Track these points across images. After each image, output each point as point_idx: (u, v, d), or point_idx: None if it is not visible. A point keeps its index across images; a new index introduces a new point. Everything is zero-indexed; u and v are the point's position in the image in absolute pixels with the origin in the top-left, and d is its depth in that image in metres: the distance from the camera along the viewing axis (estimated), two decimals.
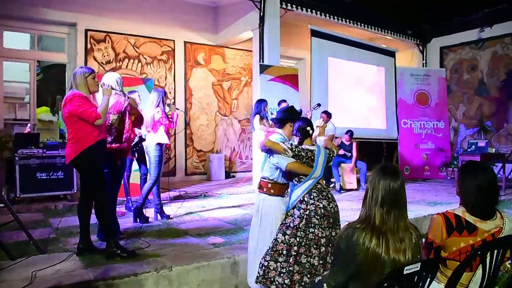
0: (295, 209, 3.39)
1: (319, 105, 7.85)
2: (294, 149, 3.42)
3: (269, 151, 3.58)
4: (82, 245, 3.89)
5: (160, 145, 5.38)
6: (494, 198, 2.42)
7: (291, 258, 3.22)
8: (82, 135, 3.73)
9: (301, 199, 3.40)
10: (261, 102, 7.04)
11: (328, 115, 8.77)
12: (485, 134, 10.99)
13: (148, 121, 5.32)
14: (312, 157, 3.46)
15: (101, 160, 3.95)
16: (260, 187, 3.71)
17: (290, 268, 3.20)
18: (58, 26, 8.57)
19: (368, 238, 2.08)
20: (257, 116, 6.97)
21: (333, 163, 8.38)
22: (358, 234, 2.10)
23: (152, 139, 5.38)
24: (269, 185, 3.63)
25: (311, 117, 7.72)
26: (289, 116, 3.79)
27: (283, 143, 3.48)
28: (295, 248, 3.24)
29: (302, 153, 3.44)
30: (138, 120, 4.66)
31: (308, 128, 3.59)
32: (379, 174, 2.22)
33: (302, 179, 3.44)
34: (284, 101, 7.59)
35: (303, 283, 3.18)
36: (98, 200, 3.89)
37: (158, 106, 5.40)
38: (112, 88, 4.08)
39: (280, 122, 3.81)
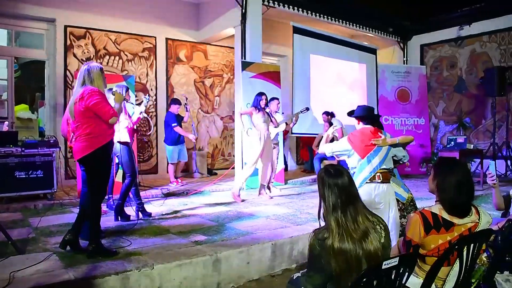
0: None
1: (307, 109, 7.89)
2: None
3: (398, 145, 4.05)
4: (70, 240, 3.86)
5: (123, 143, 5.22)
6: (472, 193, 2.47)
7: None
8: (100, 131, 3.73)
9: None
10: (259, 95, 7.10)
11: (328, 114, 8.87)
12: (464, 131, 11.17)
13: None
14: None
15: (111, 159, 3.97)
16: (386, 179, 3.90)
17: None
18: (36, 22, 8.42)
19: (337, 242, 2.14)
20: (251, 108, 7.06)
21: (316, 159, 8.46)
22: (327, 242, 2.16)
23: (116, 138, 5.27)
24: (389, 175, 3.96)
25: (297, 120, 7.81)
26: (372, 115, 4.22)
27: None
28: None
29: None
30: None
31: None
32: (324, 181, 2.30)
33: None
34: (276, 98, 7.63)
35: None
36: (99, 195, 3.90)
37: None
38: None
39: (367, 119, 4.13)
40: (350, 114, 4.30)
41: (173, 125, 8.17)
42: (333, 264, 2.13)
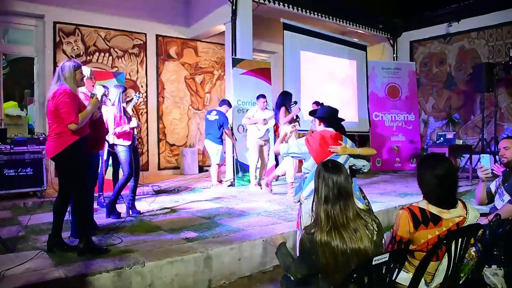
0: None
1: (295, 102, 7.94)
2: None
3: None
4: (53, 241, 3.81)
5: (121, 144, 5.25)
6: (452, 188, 2.48)
7: None
8: (67, 130, 3.64)
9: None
10: (288, 95, 7.22)
11: (318, 104, 8.89)
12: (453, 126, 11.28)
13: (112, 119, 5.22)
14: None
15: (84, 156, 3.88)
16: None
17: None
18: (25, 18, 8.35)
19: (325, 235, 2.17)
20: (283, 108, 7.05)
21: None
22: (316, 236, 2.19)
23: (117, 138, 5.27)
24: None
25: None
26: (336, 118, 3.92)
27: None
28: None
29: None
30: None
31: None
32: (320, 173, 2.35)
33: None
34: (263, 96, 7.63)
35: None
36: (79, 195, 3.83)
37: (115, 104, 5.29)
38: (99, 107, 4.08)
39: (330, 121, 3.84)
40: (312, 113, 4.05)
41: (227, 128, 7.83)
42: (321, 258, 2.17)
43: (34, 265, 3.40)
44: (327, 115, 3.86)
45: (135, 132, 5.47)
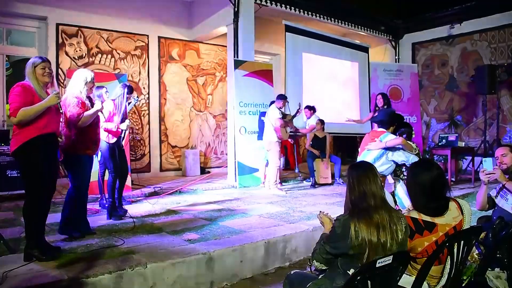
0: None
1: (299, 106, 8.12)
2: (416, 148, 4.49)
3: (389, 148, 4.48)
4: (37, 251, 3.57)
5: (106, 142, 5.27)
6: (437, 196, 2.44)
7: None
8: (24, 125, 3.48)
9: None
10: (387, 97, 7.53)
11: (311, 109, 8.99)
12: (455, 128, 11.27)
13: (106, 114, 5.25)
14: (419, 155, 4.49)
15: (47, 156, 3.65)
16: None
17: None
18: (28, 20, 8.36)
19: (356, 225, 2.18)
20: (370, 114, 7.39)
21: (308, 157, 8.48)
22: (349, 222, 2.20)
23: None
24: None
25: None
26: (395, 120, 4.83)
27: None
28: None
29: (418, 152, 4.47)
30: None
31: (411, 132, 4.81)
32: (353, 172, 2.37)
33: None
34: (284, 97, 7.74)
35: None
36: (31, 196, 3.60)
37: (116, 99, 5.34)
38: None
39: (387, 124, 4.74)
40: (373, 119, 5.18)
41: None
42: (351, 242, 2.18)
43: (37, 266, 3.41)
44: (377, 119, 4.87)
45: (124, 134, 5.48)
